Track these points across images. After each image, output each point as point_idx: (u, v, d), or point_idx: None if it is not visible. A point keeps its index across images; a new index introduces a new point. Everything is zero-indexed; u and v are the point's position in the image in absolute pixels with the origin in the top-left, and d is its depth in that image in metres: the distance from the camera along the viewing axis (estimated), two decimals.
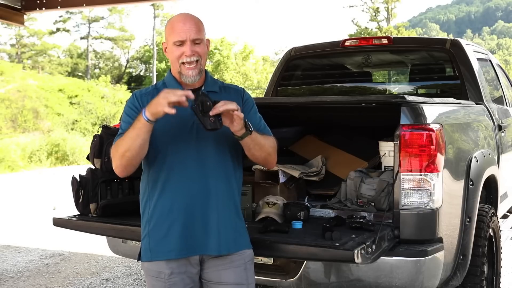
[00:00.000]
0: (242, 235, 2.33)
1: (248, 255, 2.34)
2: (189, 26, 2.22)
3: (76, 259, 5.77)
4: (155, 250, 2.23)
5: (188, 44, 2.21)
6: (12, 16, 7.00)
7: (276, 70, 5.11)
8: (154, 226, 2.24)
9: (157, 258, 2.22)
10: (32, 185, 12.18)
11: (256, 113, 2.41)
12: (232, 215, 2.29)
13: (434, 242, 2.72)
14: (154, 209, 2.24)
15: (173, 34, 2.23)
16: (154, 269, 2.24)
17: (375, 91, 5.27)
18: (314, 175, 3.56)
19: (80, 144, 17.80)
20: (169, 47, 2.26)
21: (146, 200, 2.29)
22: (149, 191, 2.27)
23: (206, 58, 2.31)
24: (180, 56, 2.22)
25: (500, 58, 64.22)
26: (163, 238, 2.21)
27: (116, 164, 2.20)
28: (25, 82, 22.06)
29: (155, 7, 42.70)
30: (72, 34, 70.32)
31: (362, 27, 34.16)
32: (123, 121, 2.28)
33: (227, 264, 2.27)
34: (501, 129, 4.23)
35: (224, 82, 2.42)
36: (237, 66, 36.03)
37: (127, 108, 2.30)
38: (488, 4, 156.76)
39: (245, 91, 2.45)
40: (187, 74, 2.23)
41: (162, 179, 2.22)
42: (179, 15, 2.29)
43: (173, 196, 2.21)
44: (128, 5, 35.08)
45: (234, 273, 2.28)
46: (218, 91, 2.33)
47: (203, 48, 2.26)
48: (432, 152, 2.69)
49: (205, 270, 2.28)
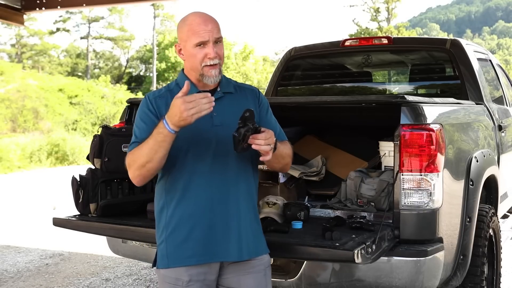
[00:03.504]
0: (260, 239, 2.28)
1: (267, 261, 2.29)
2: (212, 27, 2.14)
3: (76, 259, 5.77)
4: (173, 256, 2.15)
5: (211, 46, 2.12)
6: (12, 16, 7.00)
7: (276, 70, 5.11)
8: (172, 232, 2.15)
9: (175, 265, 2.14)
10: (32, 185, 12.18)
11: (272, 116, 2.35)
12: (252, 219, 2.23)
13: (434, 242, 2.72)
14: (173, 215, 2.15)
15: (194, 35, 2.12)
16: (172, 276, 2.15)
17: (375, 91, 5.26)
18: (314, 175, 3.56)
19: (80, 144, 17.80)
20: (189, 49, 2.15)
21: (162, 206, 2.20)
22: (166, 196, 2.18)
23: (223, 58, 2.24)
24: (203, 59, 2.13)
25: (500, 58, 64.23)
26: (182, 243, 2.13)
27: (134, 174, 2.10)
28: (25, 82, 22.06)
29: (155, 7, 42.71)
30: (72, 34, 70.31)
31: (363, 27, 34.17)
32: (137, 127, 2.17)
33: (247, 269, 2.21)
34: (501, 129, 4.23)
35: (237, 82, 2.36)
36: (237, 66, 36.04)
37: (141, 113, 2.19)
38: (488, 4, 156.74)
39: (260, 92, 2.38)
40: (210, 75, 2.15)
41: (182, 185, 2.14)
42: (196, 15, 2.19)
43: (193, 202, 2.13)
44: (128, 5, 35.04)
45: (254, 279, 2.22)
46: (234, 91, 2.27)
47: (222, 47, 2.20)
48: (432, 152, 2.69)
49: (223, 276, 2.21)
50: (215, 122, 2.15)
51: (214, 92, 2.20)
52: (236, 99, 2.25)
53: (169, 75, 38.16)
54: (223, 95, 2.22)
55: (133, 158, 2.08)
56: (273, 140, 2.04)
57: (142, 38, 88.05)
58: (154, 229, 2.83)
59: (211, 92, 2.18)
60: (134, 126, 2.21)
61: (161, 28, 45.26)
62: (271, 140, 2.03)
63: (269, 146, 2.02)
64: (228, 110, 2.18)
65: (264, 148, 2.01)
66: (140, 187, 3.28)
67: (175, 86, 2.25)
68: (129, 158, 2.12)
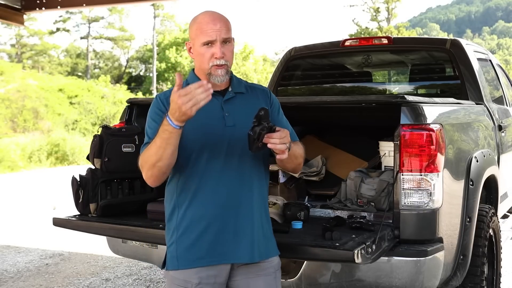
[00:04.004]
0: (271, 240, 2.26)
1: (278, 263, 2.27)
2: (220, 26, 2.12)
3: (76, 259, 5.77)
4: (183, 257, 2.12)
5: (218, 45, 2.11)
6: (12, 16, 7.00)
7: (276, 70, 5.11)
8: (183, 233, 2.13)
9: (185, 267, 2.11)
10: (32, 185, 12.18)
11: (283, 116, 2.34)
12: (263, 220, 2.22)
13: (434, 242, 2.72)
14: (184, 216, 2.13)
15: (202, 34, 2.11)
16: (180, 278, 2.12)
17: (375, 91, 5.26)
18: (314, 175, 3.56)
19: (80, 144, 17.81)
20: (197, 48, 2.15)
21: (173, 207, 2.17)
22: (177, 198, 2.16)
23: (233, 59, 2.22)
24: (210, 58, 2.13)
25: (500, 58, 64.22)
26: (193, 245, 2.11)
27: (147, 175, 2.09)
28: (25, 82, 22.07)
29: (155, 7, 42.72)
30: (72, 34, 70.30)
31: (363, 27, 34.17)
32: (149, 127, 2.16)
33: (257, 272, 2.19)
34: (501, 129, 4.23)
35: (248, 82, 2.35)
36: (237, 66, 36.05)
37: (152, 113, 2.17)
38: (488, 4, 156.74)
39: (271, 92, 2.36)
40: (216, 74, 2.13)
41: (194, 186, 2.12)
42: (206, 14, 2.18)
43: (205, 204, 2.11)
44: (128, 5, 35.03)
45: (264, 282, 2.20)
46: (245, 91, 2.26)
47: (232, 48, 2.18)
48: (432, 152, 2.68)
49: (233, 278, 2.18)
50: (227, 123, 2.14)
51: (225, 93, 2.20)
52: (248, 99, 2.24)
53: (169, 75, 38.15)
54: (234, 95, 2.21)
55: (144, 159, 2.07)
56: (288, 139, 2.04)
57: (142, 38, 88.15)
58: (154, 229, 2.86)
59: (222, 92, 2.19)
60: (146, 126, 2.19)
61: (161, 28, 45.31)
62: (287, 139, 2.02)
63: (285, 145, 2.01)
64: (240, 110, 2.17)
65: (280, 147, 1.99)
66: (140, 187, 3.31)
67: (186, 85, 2.23)
68: (141, 159, 2.10)
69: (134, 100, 3.62)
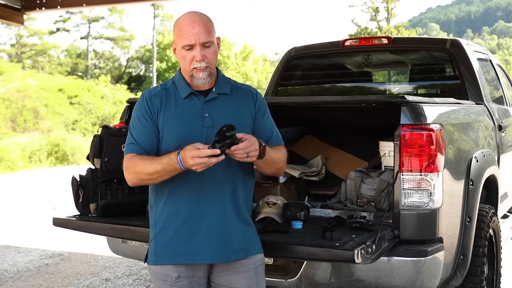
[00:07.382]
0: (252, 240, 2.27)
1: (259, 259, 2.28)
2: (199, 29, 2.12)
3: (76, 259, 5.77)
4: (160, 253, 2.19)
5: (198, 49, 2.13)
6: (12, 16, 7.01)
7: (276, 70, 5.11)
8: (160, 230, 2.20)
9: (163, 262, 2.19)
10: (32, 185, 12.18)
11: (269, 119, 2.34)
12: (241, 221, 2.22)
13: (434, 242, 2.72)
14: (161, 213, 2.20)
15: (182, 38, 2.14)
16: (161, 272, 2.19)
17: (375, 91, 5.26)
18: (314, 175, 3.56)
19: (80, 144, 17.79)
20: (179, 50, 2.18)
21: (152, 204, 2.25)
22: (156, 195, 2.23)
23: (216, 59, 2.23)
24: (191, 61, 2.15)
25: (500, 58, 64.19)
26: (168, 243, 2.17)
27: (129, 179, 2.17)
28: (25, 82, 22.06)
29: (155, 7, 42.68)
30: (72, 34, 70.04)
31: (362, 27, 34.14)
32: (133, 128, 2.19)
33: (237, 268, 2.22)
34: (501, 129, 4.23)
35: (237, 82, 2.35)
36: (237, 66, 36.05)
37: (138, 113, 2.20)
38: (489, 4, 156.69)
39: (258, 93, 2.35)
40: (198, 77, 2.16)
41: (170, 185, 2.15)
42: (187, 16, 2.19)
43: (179, 202, 2.16)
44: (128, 5, 35.02)
45: (244, 278, 2.23)
46: (229, 92, 2.26)
47: (213, 50, 2.18)
48: (432, 152, 2.69)
49: (214, 274, 2.24)
50: (205, 124, 2.17)
51: (208, 92, 2.22)
52: (230, 100, 2.24)
53: (169, 75, 38.15)
54: (217, 96, 2.23)
55: (134, 168, 2.12)
56: (255, 147, 2.04)
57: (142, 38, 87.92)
58: None
59: (205, 92, 2.22)
60: (131, 124, 2.22)
61: (161, 28, 45.24)
62: (252, 148, 2.03)
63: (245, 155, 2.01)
64: (220, 112, 2.19)
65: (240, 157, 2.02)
66: (140, 187, 3.30)
67: (171, 84, 2.27)
68: (128, 164, 2.14)
69: (134, 100, 3.60)
